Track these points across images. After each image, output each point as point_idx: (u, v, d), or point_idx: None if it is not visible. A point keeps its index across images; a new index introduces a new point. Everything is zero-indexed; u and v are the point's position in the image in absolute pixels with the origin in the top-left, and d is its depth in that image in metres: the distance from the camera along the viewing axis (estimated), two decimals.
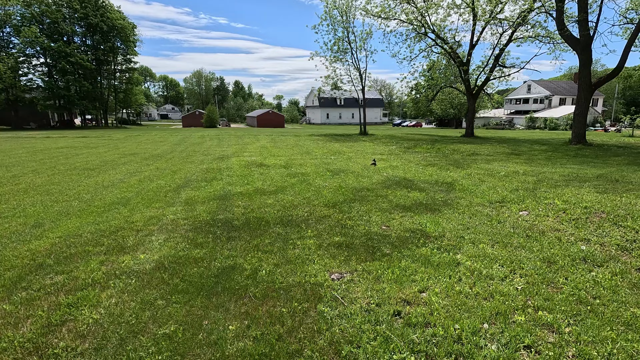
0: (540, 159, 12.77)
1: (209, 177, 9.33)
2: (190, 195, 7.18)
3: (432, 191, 7.34)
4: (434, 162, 11.99)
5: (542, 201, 6.09)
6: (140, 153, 15.78)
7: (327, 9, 27.72)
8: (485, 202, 6.30)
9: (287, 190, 7.55)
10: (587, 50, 17.02)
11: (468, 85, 27.37)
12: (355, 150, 16.37)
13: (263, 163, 11.86)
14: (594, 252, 4.00)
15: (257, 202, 6.53)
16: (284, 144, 20.44)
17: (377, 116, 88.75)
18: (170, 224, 5.23)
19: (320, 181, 8.51)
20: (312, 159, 12.95)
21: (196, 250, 4.15)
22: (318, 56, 29.57)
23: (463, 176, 9.06)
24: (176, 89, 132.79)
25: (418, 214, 5.65)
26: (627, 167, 9.98)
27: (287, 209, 5.98)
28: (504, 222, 5.21)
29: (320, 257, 3.94)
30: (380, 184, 8.12)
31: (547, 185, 7.42)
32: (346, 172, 9.92)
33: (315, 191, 7.36)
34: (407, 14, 25.69)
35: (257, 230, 4.92)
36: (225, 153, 15.55)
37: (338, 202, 6.44)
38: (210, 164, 11.97)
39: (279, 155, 14.55)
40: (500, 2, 22.49)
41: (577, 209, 5.46)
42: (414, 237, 4.57)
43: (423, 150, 16.59)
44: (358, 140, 24.24)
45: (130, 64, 59.48)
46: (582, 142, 18.10)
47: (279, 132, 37.88)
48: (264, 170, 10.36)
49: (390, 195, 7.02)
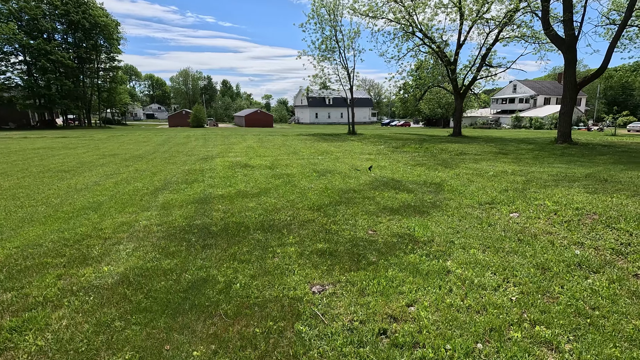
0: (527, 158, 12.74)
1: (190, 179, 8.94)
2: (168, 198, 6.80)
3: (421, 192, 7.13)
4: (422, 161, 11.82)
5: (532, 202, 5.93)
6: (121, 154, 15.21)
7: (315, 7, 27.43)
8: (474, 204, 6.11)
9: (270, 192, 7.23)
10: (572, 50, 17.14)
11: (455, 85, 27.43)
12: (343, 150, 16.13)
13: (248, 164, 11.50)
14: (589, 257, 3.81)
15: (238, 205, 6.20)
16: (271, 144, 20.08)
17: (366, 116, 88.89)
18: (142, 230, 4.87)
19: (305, 182, 8.22)
20: (298, 159, 12.65)
21: (166, 261, 3.81)
22: (306, 55, 29.28)
23: (451, 176, 8.89)
24: (162, 88, 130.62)
25: (406, 217, 5.41)
26: (614, 166, 9.97)
27: (269, 213, 5.67)
28: (494, 224, 5.01)
29: (301, 267, 3.65)
30: (368, 185, 7.87)
31: (536, 185, 7.29)
32: (333, 172, 9.65)
33: (300, 193, 7.06)
34: (395, 13, 25.59)
35: (236, 236, 4.60)
36: (209, 153, 15.12)
37: (323, 204, 6.16)
38: (193, 165, 11.55)
39: (265, 155, 14.20)
40: (486, 2, 22.57)
41: (569, 211, 5.30)
42: (401, 243, 4.32)
43: (411, 149, 16.45)
44: (346, 139, 24.03)
45: (114, 62, 58.04)
46: (567, 141, 18.24)
47: (267, 132, 37.42)
48: (248, 171, 10.01)
49: (378, 197, 6.77)
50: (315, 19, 28.05)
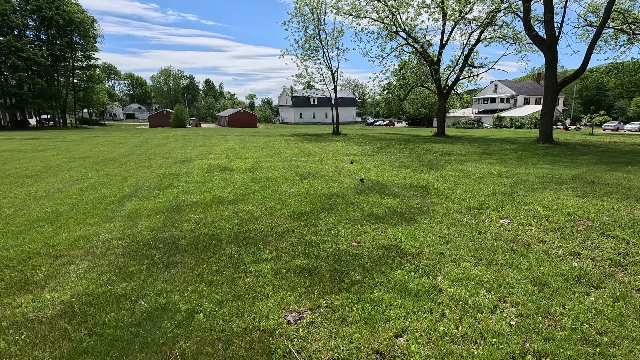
0: (511, 158, 12.67)
1: (164, 184, 8.38)
2: (136, 207, 6.26)
3: (407, 196, 6.82)
4: (408, 163, 11.57)
5: (522, 207, 5.69)
6: (93, 156, 14.40)
7: (298, 5, 26.97)
8: (463, 209, 5.83)
9: (249, 198, 6.78)
10: (553, 51, 17.29)
11: (439, 85, 27.48)
12: (327, 151, 15.76)
13: (227, 167, 10.98)
14: (588, 270, 3.55)
15: (213, 214, 5.73)
16: (253, 145, 19.53)
17: (351, 115, 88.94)
18: (101, 246, 4.35)
19: (286, 187, 7.80)
20: (281, 161, 12.20)
21: (122, 284, 3.33)
22: (289, 54, 28.79)
23: (438, 178, 8.64)
24: (143, 87, 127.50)
25: (392, 225, 5.07)
26: (597, 167, 9.95)
27: (245, 223, 5.23)
28: (485, 232, 4.72)
29: (277, 289, 3.24)
30: (352, 189, 7.52)
31: (524, 188, 7.09)
32: (316, 175, 9.26)
33: (280, 199, 6.64)
34: (378, 12, 25.42)
35: (206, 251, 4.15)
36: (188, 156, 14.49)
37: (304, 212, 5.76)
38: (169, 168, 10.95)
39: (247, 157, 13.69)
40: (468, 2, 22.64)
41: (560, 216, 5.07)
42: (388, 256, 3.97)
43: (396, 150, 16.23)
44: (330, 140, 23.69)
45: (91, 60, 55.95)
46: (549, 141, 18.41)
47: (250, 132, 36.72)
48: (227, 175, 9.51)
49: (362, 202, 6.42)
50: (299, 18, 27.62)
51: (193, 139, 25.48)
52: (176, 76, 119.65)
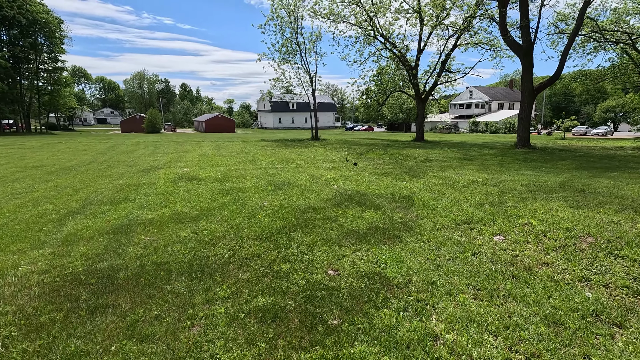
0: (493, 164, 12.40)
1: (119, 197, 7.45)
2: (78, 227, 5.35)
3: (390, 209, 6.22)
4: (389, 170, 11.05)
5: (515, 221, 5.19)
6: (48, 165, 13.13)
7: (274, 7, 26.32)
8: (451, 223, 5.28)
9: (213, 214, 5.99)
10: (529, 56, 17.37)
11: (417, 90, 27.43)
12: (305, 158, 15.09)
13: (196, 176, 10.10)
14: (604, 302, 3.01)
15: (168, 235, 4.92)
16: (228, 151, 18.61)
17: (330, 120, 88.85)
18: (16, 283, 3.48)
19: (258, 199, 7.05)
20: (254, 169, 11.42)
21: (23, 344, 2.51)
22: (266, 58, 28.02)
23: (421, 187, 8.12)
24: (116, 91, 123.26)
25: (375, 246, 4.43)
26: (580, 173, 9.74)
27: (205, 246, 4.46)
28: (479, 253, 4.16)
29: (229, 345, 2.51)
30: (330, 201, 6.86)
31: (513, 198, 6.64)
32: (291, 185, 8.56)
33: (249, 215, 5.89)
34: (356, 16, 25.13)
35: (149, 288, 3.36)
36: (155, 163, 13.46)
37: (275, 230, 5.04)
38: (131, 178, 9.96)
39: (219, 165, 12.81)
40: (445, 9, 22.68)
41: (559, 232, 4.59)
42: (371, 289, 3.31)
43: (376, 156, 15.75)
44: (309, 145, 23.05)
45: (58, 62, 53.18)
46: (527, 146, 18.46)
47: (226, 138, 35.60)
48: (193, 185, 8.65)
49: (341, 216, 5.77)
50: (276, 21, 26.95)
51: (164, 145, 24.23)
52: (151, 80, 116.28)
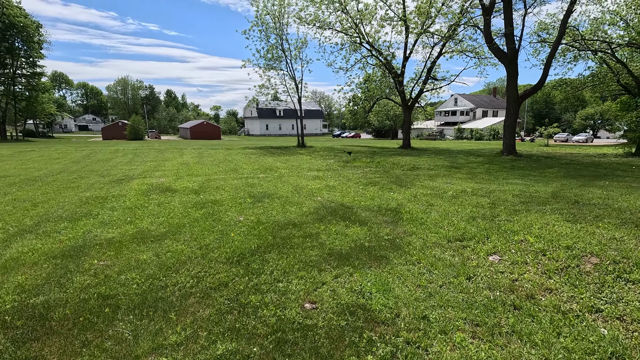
0: (480, 172, 12.16)
1: (81, 212, 6.78)
2: (24, 249, 4.70)
3: (376, 223, 5.77)
4: (375, 179, 10.65)
5: (510, 237, 4.80)
6: (12, 176, 12.25)
7: (259, 13, 25.95)
8: (442, 240, 4.85)
9: (182, 231, 5.42)
10: (514, 64, 17.40)
11: (403, 97, 27.37)
12: (289, 166, 14.58)
13: (171, 187, 9.47)
14: (623, 342, 2.59)
15: (125, 258, 4.33)
16: (210, 159, 17.95)
17: (317, 127, 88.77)
18: None
19: (234, 214, 6.51)
20: (235, 179, 10.85)
21: None
22: (250, 64, 27.53)
23: (409, 198, 7.71)
24: (98, 97, 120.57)
25: (359, 269, 3.95)
26: (569, 182, 9.53)
27: (165, 273, 3.90)
28: (475, 277, 3.72)
29: None
30: (312, 215, 6.37)
31: (505, 210, 6.28)
32: (272, 197, 8.03)
33: (222, 232, 5.34)
34: (342, 23, 24.97)
35: (86, 331, 2.79)
36: (131, 173, 12.73)
37: (248, 252, 4.51)
38: (100, 189, 9.26)
39: (198, 174, 12.19)
40: (430, 17, 22.72)
41: (559, 251, 4.20)
42: (353, 328, 2.82)
43: (363, 164, 15.37)
44: (295, 153, 22.56)
45: (36, 67, 51.48)
46: (513, 153, 18.42)
47: (211, 145, 34.80)
48: (166, 198, 8.03)
49: (323, 233, 5.28)
50: (261, 27, 26.55)
51: (145, 152, 23.35)
52: (135, 86, 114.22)
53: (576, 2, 16.26)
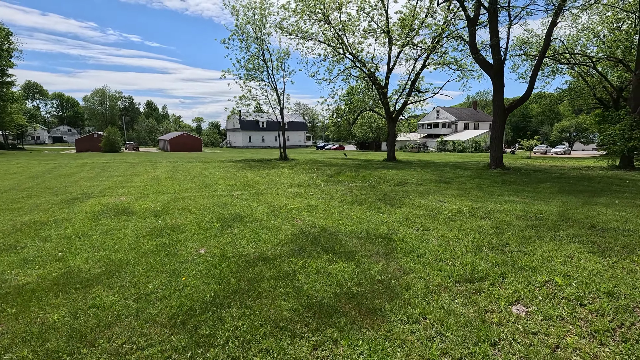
0: (472, 188, 11.43)
1: (5, 244, 5.51)
2: None
3: (366, 256, 4.79)
4: (361, 197, 9.71)
5: (531, 277, 3.89)
6: None
7: (239, 22, 25.11)
8: (448, 282, 3.90)
9: (122, 272, 4.27)
10: (500, 75, 17.06)
11: (387, 109, 26.89)
12: (269, 182, 13.51)
13: (129, 208, 8.25)
14: None
15: (27, 320, 3.16)
16: (184, 174, 16.67)
17: (301, 139, 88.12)
18: None
19: (195, 244, 5.40)
20: (206, 197, 9.70)
21: None
22: (231, 74, 26.49)
23: (400, 221, 6.79)
24: (74, 108, 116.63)
25: (347, 333, 2.93)
26: (569, 198, 8.85)
27: (73, 348, 2.76)
28: (501, 343, 2.76)
29: None
30: (289, 245, 5.33)
31: (514, 238, 5.41)
32: (245, 220, 6.96)
33: (172, 273, 4.23)
34: (325, 33, 24.42)
35: None
36: (90, 190, 11.37)
37: (201, 305, 3.42)
38: (44, 213, 7.94)
39: (166, 191, 10.96)
40: (413, 28, 22.41)
41: (600, 300, 3.30)
42: None
43: (347, 179, 14.46)
44: (276, 166, 21.50)
45: (5, 77, 48.91)
46: (500, 166, 17.95)
47: (189, 158, 33.33)
48: (118, 223, 6.83)
49: (301, 272, 4.25)
50: (241, 36, 25.68)
51: (115, 166, 21.79)
52: (113, 97, 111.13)
53: (560, 14, 16.11)
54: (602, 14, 23.62)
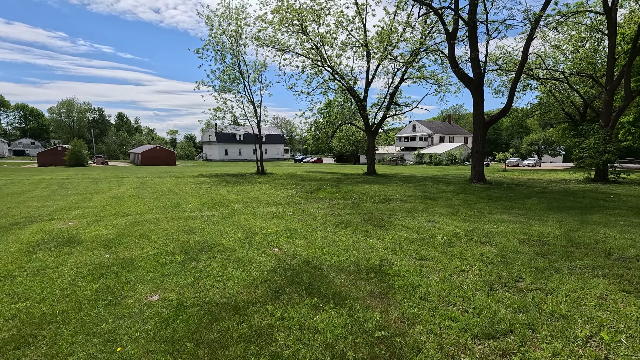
0: (459, 204, 10.87)
1: None
2: None
3: (358, 299, 3.92)
4: (345, 217, 8.89)
5: (568, 331, 3.13)
6: None
7: (213, 32, 24.19)
8: (466, 339, 3.08)
9: (37, 337, 3.19)
10: (480, 89, 16.94)
11: (367, 122, 26.53)
12: (244, 199, 12.47)
13: (75, 237, 7.02)
14: None
15: None
16: (151, 191, 15.33)
17: (279, 152, 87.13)
18: None
19: (147, 287, 4.35)
20: (171, 220, 8.58)
21: None
22: (205, 85, 25.39)
23: (392, 247, 5.99)
24: (39, 120, 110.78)
25: None
26: (562, 216, 8.39)
27: None
28: None
29: None
30: (265, 285, 4.39)
31: (526, 269, 4.71)
32: (213, 250, 5.94)
33: (107, 337, 3.19)
34: (303, 45, 23.91)
35: None
36: (38, 213, 9.95)
37: None
38: None
39: (127, 213, 9.73)
40: (391, 42, 22.28)
41: None
42: None
43: (328, 195, 13.64)
44: (253, 181, 20.42)
45: None
46: (482, 180, 17.69)
47: (161, 172, 31.60)
48: (57, 257, 5.64)
49: (279, 327, 3.32)
50: (216, 47, 24.75)
51: (75, 183, 20.02)
52: (81, 108, 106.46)
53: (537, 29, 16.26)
54: (567, 32, 24.52)
